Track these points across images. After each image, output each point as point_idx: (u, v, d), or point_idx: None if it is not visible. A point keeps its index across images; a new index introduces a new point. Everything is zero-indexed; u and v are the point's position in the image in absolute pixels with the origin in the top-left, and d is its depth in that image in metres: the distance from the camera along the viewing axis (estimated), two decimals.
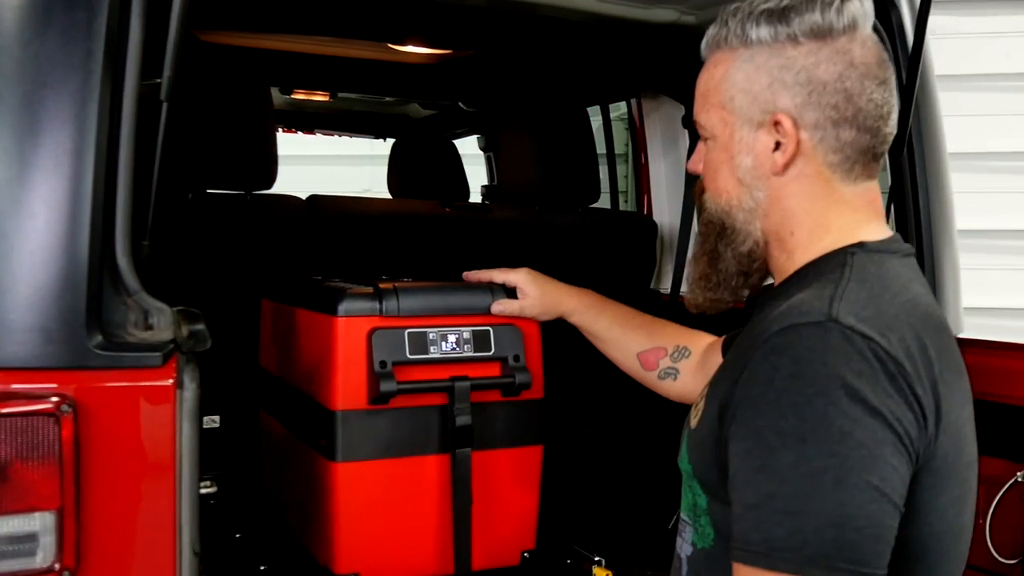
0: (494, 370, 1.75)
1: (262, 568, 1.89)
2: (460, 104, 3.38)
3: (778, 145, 1.21)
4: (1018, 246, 5.61)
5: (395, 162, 3.52)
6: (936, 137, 1.97)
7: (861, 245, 1.20)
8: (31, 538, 1.21)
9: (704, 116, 1.29)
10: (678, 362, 1.79)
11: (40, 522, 1.21)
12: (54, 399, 1.22)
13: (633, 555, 1.93)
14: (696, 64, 1.31)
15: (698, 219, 1.38)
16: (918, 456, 1.06)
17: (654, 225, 2.73)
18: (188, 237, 2.20)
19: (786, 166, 1.21)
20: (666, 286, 2.90)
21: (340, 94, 3.41)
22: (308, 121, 3.96)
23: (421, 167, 3.38)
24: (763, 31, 1.20)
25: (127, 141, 1.29)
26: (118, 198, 1.28)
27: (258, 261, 2.29)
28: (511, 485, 1.80)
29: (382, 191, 3.45)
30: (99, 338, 1.25)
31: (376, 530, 1.70)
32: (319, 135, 4.21)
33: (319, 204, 2.36)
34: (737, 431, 1.08)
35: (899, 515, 1.03)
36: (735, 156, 1.25)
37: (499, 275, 1.81)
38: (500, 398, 1.76)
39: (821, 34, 1.18)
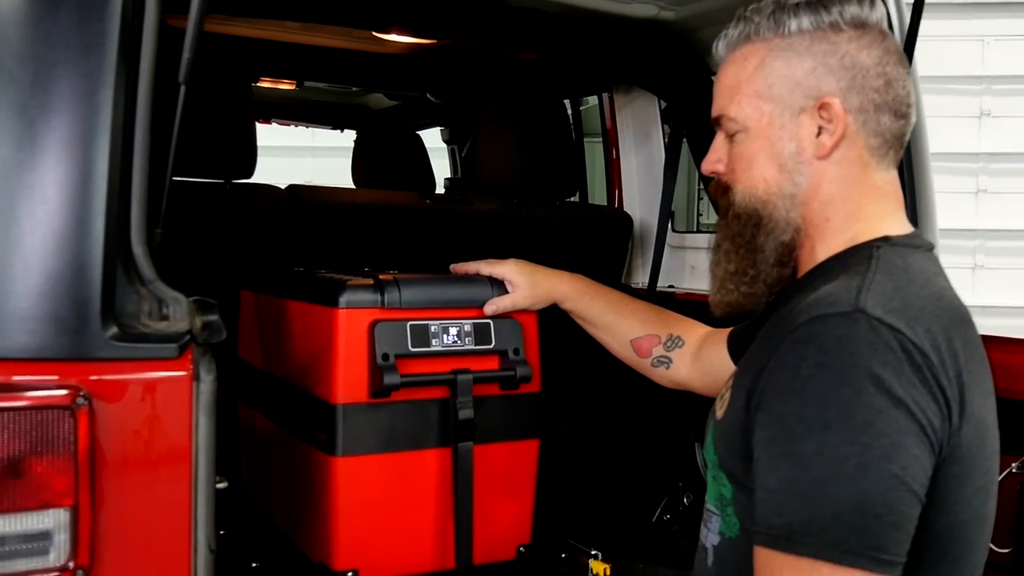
0: (494, 363, 1.73)
1: (254, 565, 1.85)
2: (428, 95, 3.34)
3: (820, 130, 1.24)
4: (947, 245, 5.79)
5: (360, 153, 3.48)
6: (921, 138, 2.01)
7: (886, 239, 1.22)
8: (45, 536, 1.17)
9: (735, 108, 1.29)
10: (671, 351, 1.80)
11: (54, 519, 1.17)
12: (69, 392, 1.17)
13: (624, 548, 1.93)
14: (675, 60, 1.32)
15: (719, 218, 1.38)
16: (942, 446, 1.08)
17: (629, 219, 2.74)
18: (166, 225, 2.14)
19: (832, 149, 1.23)
20: (638, 280, 2.92)
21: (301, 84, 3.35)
22: (265, 110, 3.89)
23: (388, 159, 3.34)
24: (804, 20, 1.23)
25: (142, 125, 1.24)
26: (133, 183, 1.24)
27: (236, 251, 2.24)
28: (508, 479, 1.79)
29: (323, 184, 3.40)
30: (114, 329, 1.20)
31: (375, 526, 1.67)
32: (274, 124, 4.14)
33: (299, 194, 2.32)
34: (762, 419, 1.10)
35: (919, 504, 1.05)
36: (776, 143, 1.26)
37: (486, 268, 1.79)
38: (498, 391, 1.75)
39: (860, 23, 1.22)
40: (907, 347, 1.06)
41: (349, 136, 4.40)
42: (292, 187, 2.33)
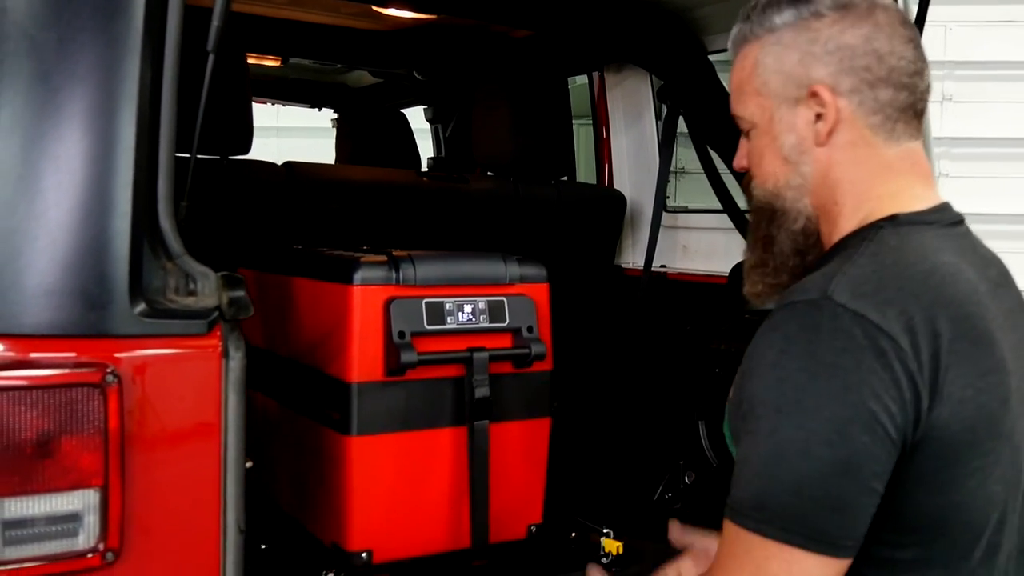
0: (507, 341, 1.72)
1: (263, 547, 1.82)
2: (414, 73, 3.30)
3: (818, 117, 1.24)
4: None
5: (344, 133, 3.43)
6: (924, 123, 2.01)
7: (893, 218, 1.22)
8: (74, 518, 1.14)
9: (741, 107, 1.31)
10: None
11: (83, 500, 1.14)
12: (98, 369, 1.14)
13: (629, 527, 1.93)
14: (671, 38, 1.32)
15: (750, 212, 1.39)
16: (906, 432, 1.07)
17: (623, 199, 2.74)
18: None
19: (829, 134, 1.24)
20: (628, 260, 2.91)
21: (286, 60, 3.29)
22: None
23: (373, 138, 3.30)
24: (786, 14, 1.24)
25: (169, 95, 1.20)
26: (160, 155, 1.20)
27: (233, 228, 2.19)
28: (521, 458, 1.78)
29: None
30: (142, 305, 1.17)
31: (389, 506, 1.66)
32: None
33: (297, 170, 2.27)
34: (739, 398, 1.15)
35: (870, 490, 1.07)
36: (778, 137, 1.27)
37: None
38: (512, 370, 1.73)
39: (842, 5, 1.22)
40: (871, 333, 1.06)
41: (316, 116, 4.34)
42: (289, 164, 2.29)
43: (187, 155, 1.31)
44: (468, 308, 1.68)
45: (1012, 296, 1.27)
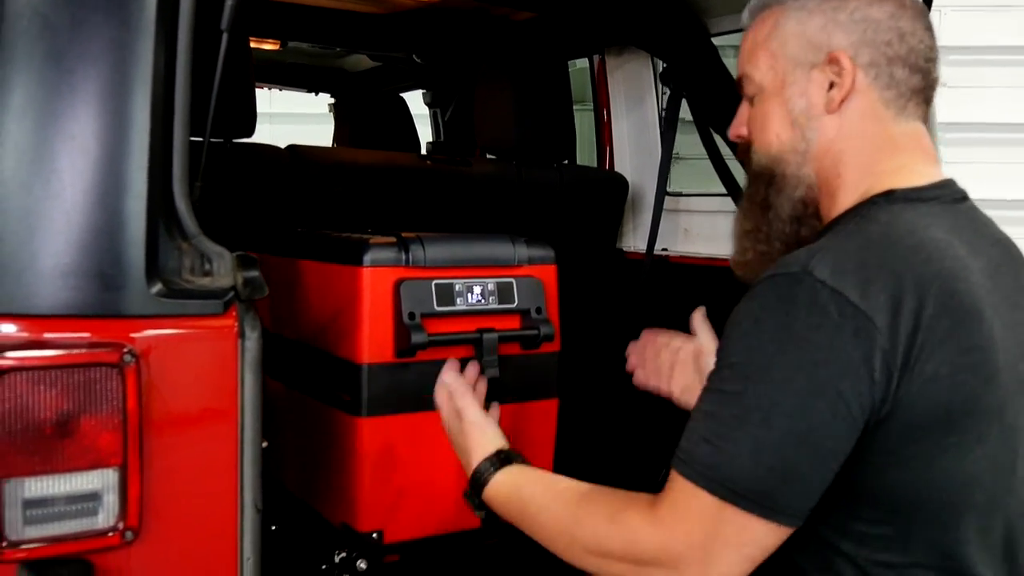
0: (516, 322, 1.72)
1: (272, 528, 1.82)
2: (414, 57, 3.29)
3: (831, 85, 1.25)
4: None
5: (342, 117, 3.42)
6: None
7: (889, 194, 1.22)
8: (93, 497, 1.14)
9: (751, 67, 1.31)
10: None
11: (102, 480, 1.14)
12: (116, 349, 1.14)
13: None
14: (674, 20, 1.32)
15: (746, 177, 1.38)
16: (872, 408, 1.08)
17: (625, 182, 2.74)
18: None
19: (842, 102, 1.24)
20: (629, 244, 2.92)
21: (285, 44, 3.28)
22: None
23: (372, 122, 3.29)
24: None
25: (183, 75, 1.20)
26: (175, 136, 1.20)
27: (237, 211, 2.19)
28: (529, 439, 1.78)
29: None
30: (158, 285, 1.17)
31: (399, 486, 1.66)
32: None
33: (301, 153, 2.27)
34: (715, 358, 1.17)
35: (825, 465, 1.08)
36: (788, 100, 1.28)
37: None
38: (520, 351, 1.74)
39: None
40: (846, 311, 1.06)
41: (309, 102, 4.32)
42: (293, 147, 2.28)
43: (196, 137, 1.32)
44: (477, 289, 1.68)
45: (1017, 276, 1.27)
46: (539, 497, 1.33)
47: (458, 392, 1.51)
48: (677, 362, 1.60)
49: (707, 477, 1.09)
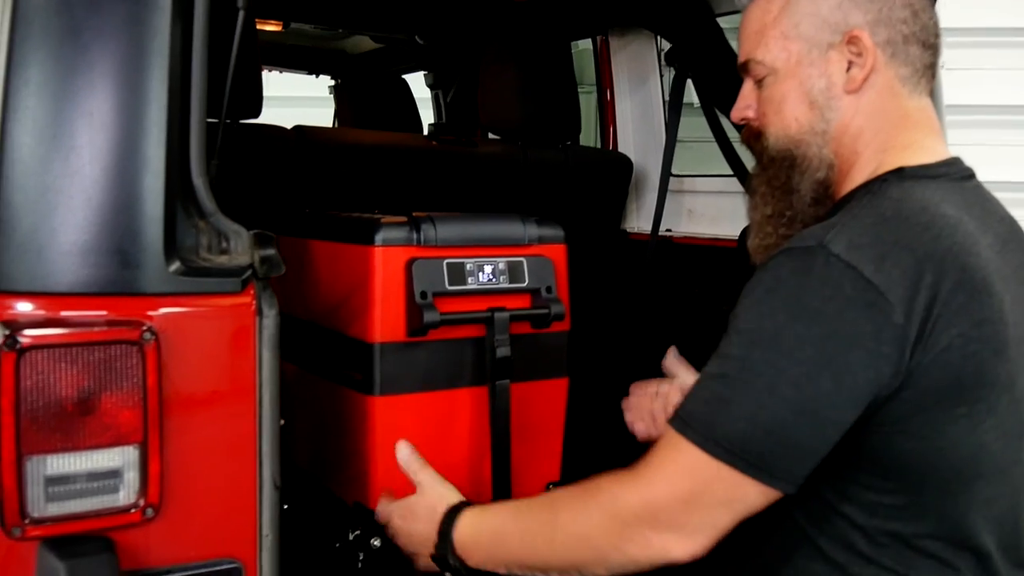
0: (526, 301, 1.73)
1: (284, 507, 1.83)
2: (416, 38, 3.28)
3: (850, 64, 1.25)
4: None
5: (344, 99, 3.41)
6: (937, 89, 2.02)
7: (899, 171, 1.24)
8: (114, 474, 1.14)
9: (762, 51, 1.31)
10: None
11: (123, 457, 1.14)
12: (136, 327, 1.14)
13: None
14: (680, 0, 1.31)
15: (756, 164, 1.38)
16: (880, 384, 1.09)
17: (630, 163, 2.74)
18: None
19: (863, 82, 1.25)
20: (634, 225, 2.92)
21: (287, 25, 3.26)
22: None
23: (374, 104, 3.29)
24: None
25: (199, 51, 1.20)
26: (192, 112, 1.20)
27: (243, 192, 2.19)
28: (539, 418, 1.79)
29: None
30: (177, 263, 1.17)
31: None
32: None
33: (307, 134, 2.27)
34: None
35: (825, 437, 1.11)
36: (805, 81, 1.28)
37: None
38: (530, 330, 1.74)
39: None
40: (859, 286, 1.08)
41: (301, 86, 4.30)
42: (299, 128, 2.28)
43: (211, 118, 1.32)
44: (488, 269, 1.68)
45: (1022, 253, 1.28)
46: (509, 511, 1.37)
47: (412, 468, 1.53)
48: (668, 404, 1.63)
49: (704, 435, 1.12)
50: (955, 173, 1.27)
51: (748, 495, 1.13)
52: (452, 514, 1.40)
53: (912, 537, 1.16)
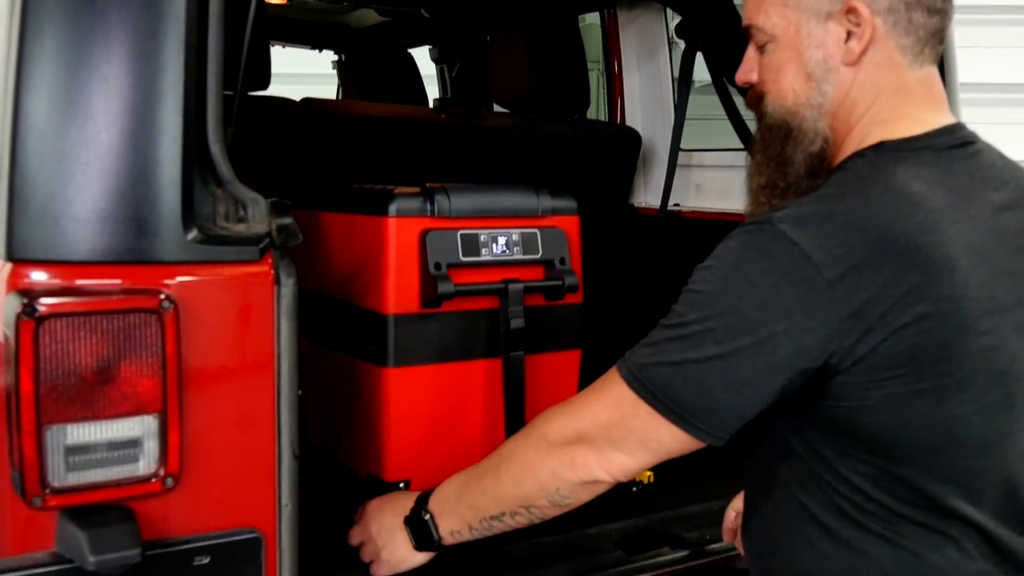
0: (540, 273, 1.72)
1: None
2: (422, 11, 3.25)
3: (849, 35, 1.23)
4: None
5: (349, 74, 3.38)
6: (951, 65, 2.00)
7: (878, 146, 1.23)
8: (134, 443, 1.14)
9: (762, 18, 1.29)
10: None
11: (142, 426, 1.14)
12: (154, 295, 1.13)
13: None
14: None
15: (758, 127, 1.37)
16: (820, 356, 1.12)
17: (638, 137, 2.72)
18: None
19: (862, 54, 1.23)
20: (641, 200, 2.90)
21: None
22: None
23: (379, 79, 3.26)
24: None
25: (216, 17, 1.19)
26: (208, 78, 1.18)
27: (251, 164, 2.17)
28: (552, 390, 1.78)
29: None
30: (194, 231, 1.16)
31: (426, 437, 1.66)
32: None
33: (315, 107, 2.25)
34: None
35: (741, 396, 1.16)
36: (803, 52, 1.26)
37: None
38: (543, 302, 1.73)
39: None
40: (799, 262, 1.11)
41: (296, 62, 4.25)
42: (307, 100, 2.26)
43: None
44: (502, 240, 1.67)
45: None
46: (466, 473, 1.46)
47: None
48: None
49: (633, 374, 1.22)
50: (943, 143, 1.24)
51: (663, 437, 1.21)
52: (426, 493, 1.50)
53: (895, 505, 1.18)
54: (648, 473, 1.82)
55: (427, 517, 1.45)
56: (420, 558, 1.49)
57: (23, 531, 1.13)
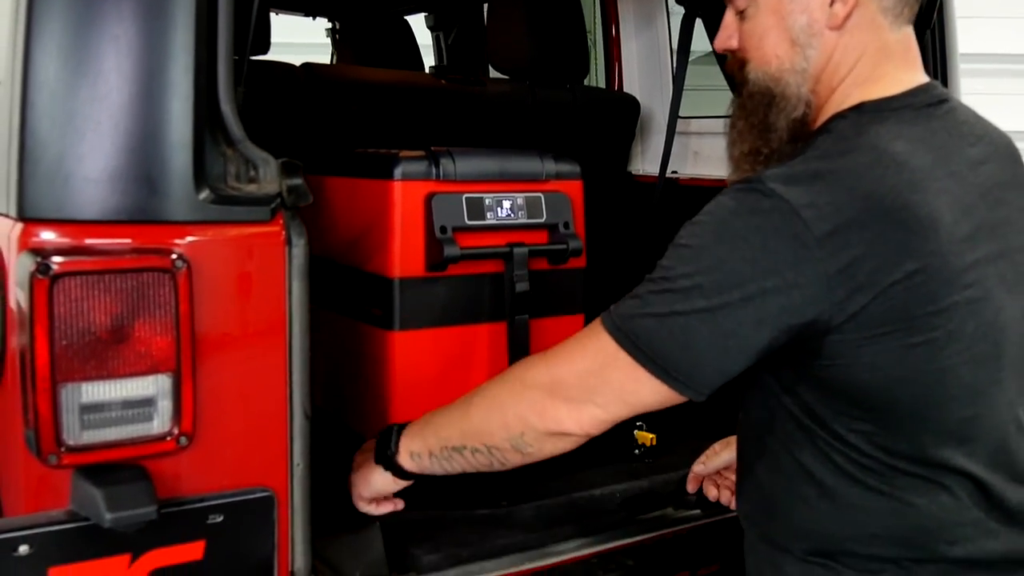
0: (544, 237, 1.72)
1: None
2: None
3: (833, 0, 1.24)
4: None
5: (344, 42, 3.36)
6: (951, 35, 2.00)
7: (859, 107, 1.24)
8: (148, 402, 1.14)
9: None
10: None
11: (156, 385, 1.14)
12: (167, 254, 1.13)
13: (662, 420, 1.96)
14: None
15: (737, 96, 1.37)
16: (805, 315, 1.12)
17: (637, 104, 2.72)
18: None
19: (846, 18, 1.24)
20: (639, 167, 2.90)
21: None
22: None
23: (375, 46, 3.24)
24: None
25: None
26: (219, 35, 1.17)
27: (251, 129, 2.17)
28: None
29: None
30: (206, 191, 1.16)
31: (431, 400, 1.66)
32: None
33: (316, 72, 2.24)
34: None
35: (726, 350, 1.16)
36: (786, 16, 1.27)
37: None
38: (547, 266, 1.74)
39: None
40: (789, 219, 1.11)
41: (290, 31, 4.21)
42: (307, 65, 2.25)
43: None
44: (507, 204, 1.67)
45: (1004, 171, 1.28)
46: (442, 410, 1.42)
47: None
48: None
49: (616, 325, 1.20)
50: (920, 101, 1.25)
51: (641, 390, 1.20)
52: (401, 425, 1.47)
53: (891, 458, 1.19)
54: (651, 436, 1.83)
55: (394, 434, 1.44)
56: (384, 481, 1.46)
57: (37, 489, 1.13)
